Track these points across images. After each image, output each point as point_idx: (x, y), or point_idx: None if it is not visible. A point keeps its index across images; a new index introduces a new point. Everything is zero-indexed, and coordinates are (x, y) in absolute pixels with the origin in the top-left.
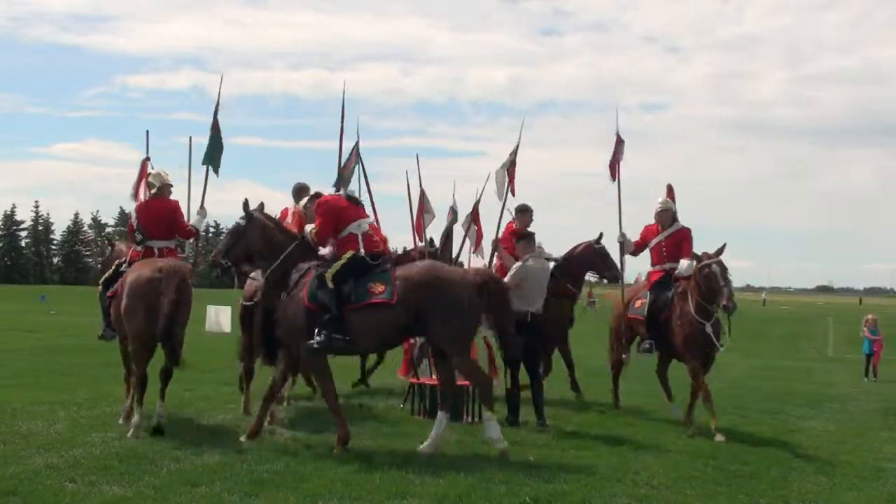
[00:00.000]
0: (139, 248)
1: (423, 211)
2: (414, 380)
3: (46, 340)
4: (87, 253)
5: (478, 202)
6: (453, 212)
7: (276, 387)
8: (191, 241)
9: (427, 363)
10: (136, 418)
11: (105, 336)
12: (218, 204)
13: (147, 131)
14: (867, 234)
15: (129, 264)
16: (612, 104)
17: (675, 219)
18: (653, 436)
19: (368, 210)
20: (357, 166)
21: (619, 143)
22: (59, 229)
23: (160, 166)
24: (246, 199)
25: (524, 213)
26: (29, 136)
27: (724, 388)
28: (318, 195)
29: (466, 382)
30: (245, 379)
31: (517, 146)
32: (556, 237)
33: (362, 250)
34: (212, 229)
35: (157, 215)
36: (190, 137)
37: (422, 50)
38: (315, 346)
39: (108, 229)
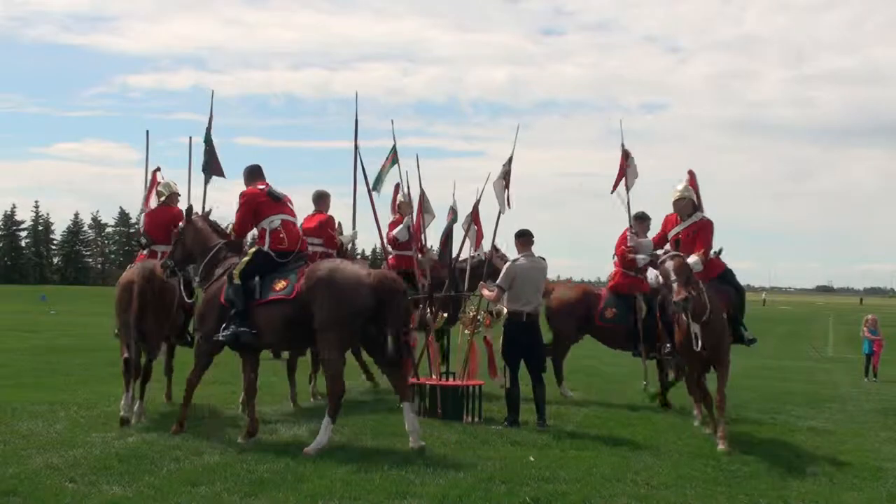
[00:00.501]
0: (145, 252)
1: (423, 211)
2: (414, 379)
3: (46, 340)
4: (87, 253)
5: (478, 202)
6: (453, 212)
7: (251, 383)
8: None
9: (428, 363)
10: (124, 400)
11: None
12: (217, 203)
13: (147, 131)
14: (867, 234)
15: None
16: (612, 104)
17: (695, 208)
18: (653, 436)
19: (369, 210)
20: (390, 168)
21: (626, 158)
22: (59, 229)
23: (160, 166)
24: (190, 206)
25: (643, 220)
26: (29, 136)
27: None
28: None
29: (465, 382)
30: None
31: (511, 157)
32: (555, 237)
33: (266, 247)
34: None
35: (162, 222)
36: (190, 137)
37: (422, 50)
38: (222, 338)
39: (108, 229)
